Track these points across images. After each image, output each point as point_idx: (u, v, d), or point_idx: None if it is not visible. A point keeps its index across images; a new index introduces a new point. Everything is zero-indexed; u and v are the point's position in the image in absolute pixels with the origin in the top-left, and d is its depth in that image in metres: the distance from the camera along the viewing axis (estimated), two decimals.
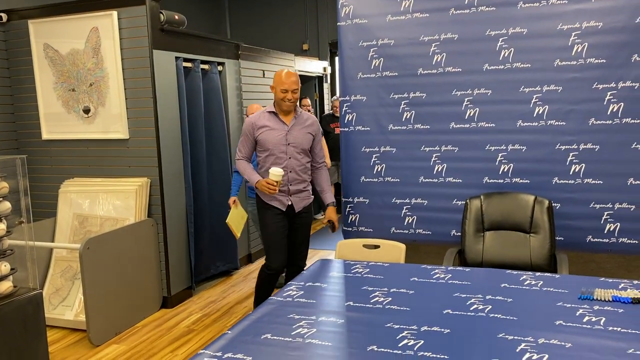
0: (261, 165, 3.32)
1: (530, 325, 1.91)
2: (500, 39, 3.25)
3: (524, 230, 2.95)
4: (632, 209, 3.13)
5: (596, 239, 3.21)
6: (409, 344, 1.81)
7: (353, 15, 3.55)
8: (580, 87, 3.13)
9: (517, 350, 1.73)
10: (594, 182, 3.17)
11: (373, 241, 3.08)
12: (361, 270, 2.63)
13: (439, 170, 3.48)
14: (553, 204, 3.24)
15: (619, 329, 1.87)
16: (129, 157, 4.14)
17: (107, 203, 4.07)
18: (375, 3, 3.49)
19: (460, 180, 3.43)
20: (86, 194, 4.15)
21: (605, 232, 3.19)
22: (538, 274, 2.46)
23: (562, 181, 3.22)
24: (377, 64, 3.54)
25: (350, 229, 3.76)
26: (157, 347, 3.50)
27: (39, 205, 4.47)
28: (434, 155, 3.48)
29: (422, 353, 1.74)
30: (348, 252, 3.11)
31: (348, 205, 3.73)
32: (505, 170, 3.32)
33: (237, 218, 4.11)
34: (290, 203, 3.32)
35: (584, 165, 3.17)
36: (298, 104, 3.33)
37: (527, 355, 1.70)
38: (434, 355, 1.71)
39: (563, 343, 1.77)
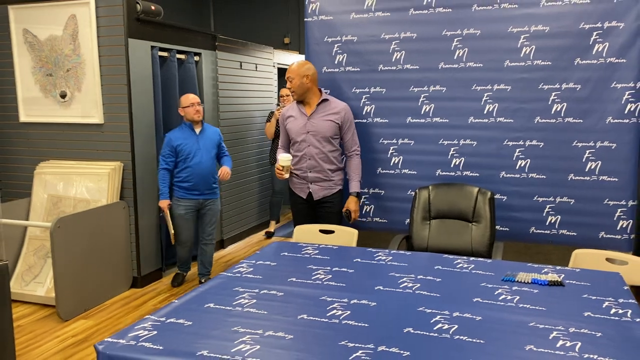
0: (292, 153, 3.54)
1: (449, 301, 2.10)
2: (455, 39, 3.44)
3: (467, 219, 3.15)
4: (571, 203, 3.33)
5: (539, 230, 3.42)
6: (337, 313, 1.99)
7: (319, 11, 3.71)
8: (527, 87, 3.33)
9: (431, 322, 1.92)
10: (538, 176, 3.38)
11: (328, 226, 3.26)
12: (311, 251, 2.81)
13: (396, 162, 3.66)
14: (500, 197, 3.44)
15: (528, 306, 2.06)
16: (103, 142, 4.28)
17: (80, 185, 4.22)
18: (340, 1, 3.65)
19: (415, 172, 3.62)
20: (60, 176, 4.29)
21: (547, 224, 3.40)
22: (472, 258, 2.65)
23: (508, 175, 3.42)
24: (340, 59, 3.71)
25: None
26: (122, 323, 3.67)
27: (15, 186, 4.61)
28: (392, 147, 3.66)
29: (346, 322, 1.92)
30: (305, 236, 3.28)
31: None
32: (457, 163, 3.52)
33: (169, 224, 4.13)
34: (309, 191, 3.45)
35: (529, 160, 3.37)
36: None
37: (439, 325, 1.89)
38: (356, 324, 1.90)
39: (474, 316, 1.96)
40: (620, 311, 2.01)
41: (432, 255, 2.73)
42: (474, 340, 1.77)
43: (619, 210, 3.26)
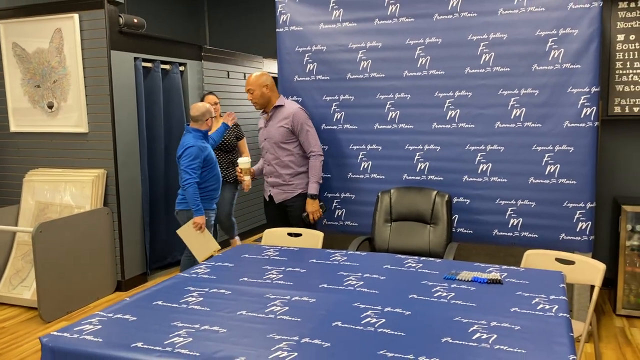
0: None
1: (385, 298, 2.20)
2: (418, 48, 3.55)
3: (425, 221, 3.24)
4: (532, 206, 3.42)
5: (501, 233, 3.50)
6: (275, 309, 2.10)
7: (290, 22, 3.85)
8: (487, 93, 3.43)
9: (361, 316, 2.02)
10: (499, 180, 3.46)
11: (295, 230, 3.37)
12: (271, 253, 2.93)
13: (365, 167, 3.77)
14: (464, 200, 3.53)
15: (460, 302, 2.15)
16: (88, 150, 4.45)
17: (65, 192, 4.38)
18: (310, 12, 3.79)
19: (383, 177, 3.73)
20: (48, 184, 4.46)
21: (509, 226, 3.48)
22: (423, 258, 2.74)
23: (471, 179, 3.52)
24: (311, 68, 3.84)
25: None
26: None
27: (6, 193, 4.78)
28: (361, 153, 3.77)
29: (281, 317, 2.03)
30: (274, 239, 3.40)
31: None
32: (422, 168, 3.62)
33: (197, 241, 3.85)
34: (270, 194, 3.63)
35: (490, 164, 3.47)
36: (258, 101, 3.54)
37: (367, 319, 1.99)
38: (290, 318, 2.01)
39: (404, 311, 2.06)
40: (547, 307, 2.10)
41: (385, 255, 2.83)
42: (395, 333, 1.87)
43: (578, 212, 3.33)
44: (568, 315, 2.02)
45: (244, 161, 3.56)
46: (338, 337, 1.85)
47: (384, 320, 1.98)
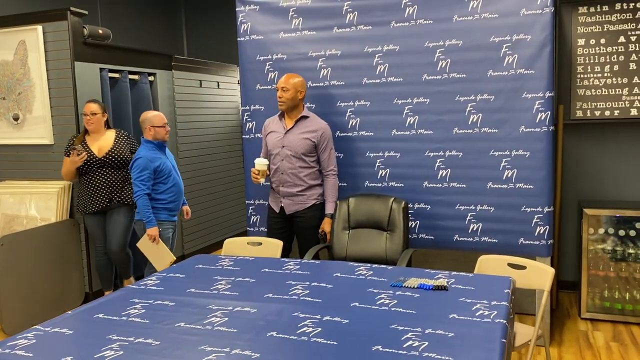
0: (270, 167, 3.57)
1: (327, 306, 2.20)
2: (377, 55, 3.56)
3: (382, 228, 3.25)
4: (491, 211, 3.43)
5: (462, 238, 3.51)
6: (214, 321, 2.09)
7: (251, 31, 3.86)
8: (445, 100, 3.44)
9: (298, 326, 2.01)
10: (458, 185, 3.47)
11: (255, 239, 3.37)
12: (225, 263, 2.92)
13: None
14: (424, 206, 3.54)
15: (401, 309, 2.15)
16: (54, 162, 4.42)
17: (31, 204, 4.35)
18: (270, 21, 3.80)
19: (346, 184, 3.73)
20: (14, 196, 4.43)
21: (469, 231, 3.49)
22: (375, 265, 2.74)
23: (431, 185, 3.52)
24: (272, 77, 3.84)
25: (252, 229, 4.05)
26: None
27: None
28: None
29: (217, 328, 2.02)
30: (235, 249, 3.39)
31: (250, 207, 4.03)
32: (383, 174, 3.62)
33: (154, 252, 3.88)
34: (282, 205, 3.53)
35: (449, 170, 3.48)
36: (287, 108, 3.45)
37: (304, 329, 1.98)
38: (226, 329, 2.00)
39: (342, 320, 2.05)
40: (486, 313, 2.10)
41: (338, 263, 2.82)
42: (328, 342, 1.86)
43: (536, 216, 3.35)
44: (505, 321, 2.02)
45: (261, 162, 3.35)
46: (270, 347, 1.84)
47: (320, 329, 1.98)
